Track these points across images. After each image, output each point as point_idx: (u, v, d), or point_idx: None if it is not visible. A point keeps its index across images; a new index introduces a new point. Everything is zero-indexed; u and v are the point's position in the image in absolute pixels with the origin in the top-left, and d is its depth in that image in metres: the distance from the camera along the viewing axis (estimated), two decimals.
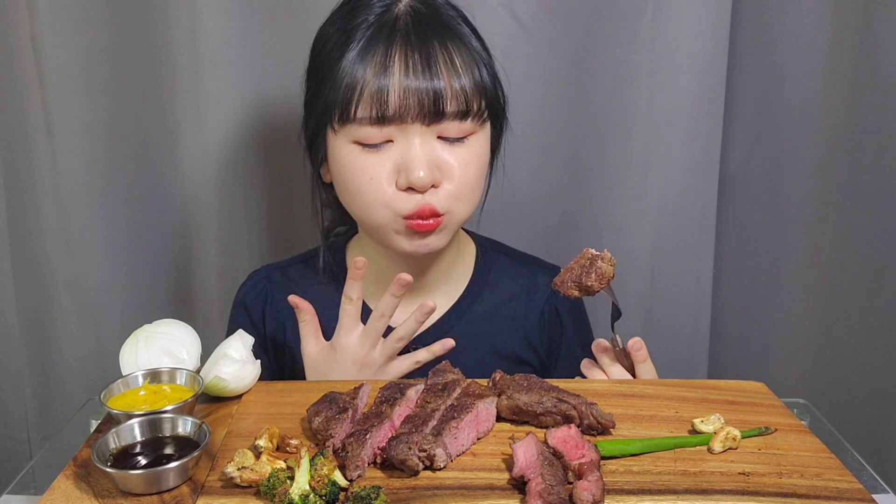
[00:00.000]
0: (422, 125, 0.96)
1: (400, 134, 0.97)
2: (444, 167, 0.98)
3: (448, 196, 0.99)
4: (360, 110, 0.96)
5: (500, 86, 1.05)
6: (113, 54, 1.30)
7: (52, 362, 1.43)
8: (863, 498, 0.71)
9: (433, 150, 0.98)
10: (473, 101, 0.98)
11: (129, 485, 0.71)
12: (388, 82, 0.95)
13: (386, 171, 0.98)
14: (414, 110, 0.95)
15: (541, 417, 0.81)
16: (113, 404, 0.81)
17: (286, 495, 0.67)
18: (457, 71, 0.97)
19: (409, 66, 0.95)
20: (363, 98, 0.95)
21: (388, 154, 0.98)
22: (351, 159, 0.99)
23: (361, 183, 0.99)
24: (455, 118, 0.97)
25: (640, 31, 1.31)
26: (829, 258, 1.41)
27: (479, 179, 1.03)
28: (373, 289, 1.11)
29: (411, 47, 0.96)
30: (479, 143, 1.02)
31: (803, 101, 1.36)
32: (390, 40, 0.96)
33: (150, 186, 1.38)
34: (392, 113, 0.95)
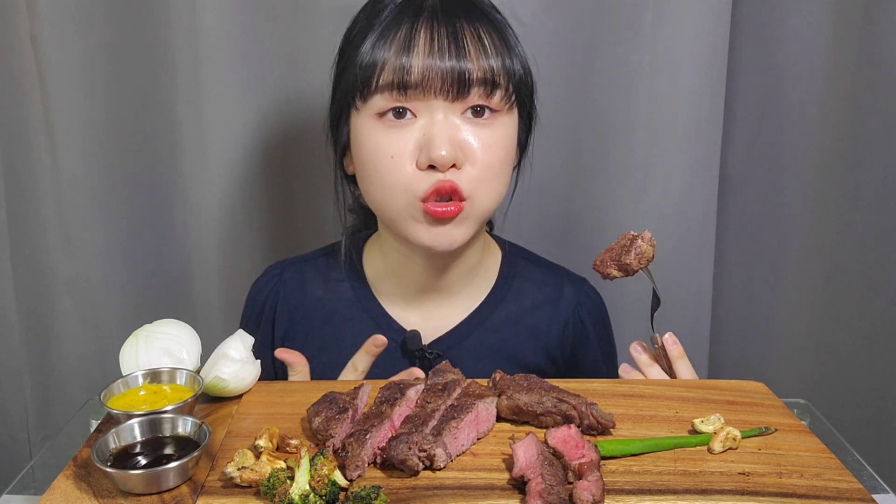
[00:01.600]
0: (445, 101, 0.93)
1: (423, 108, 0.94)
2: (467, 148, 0.95)
3: (470, 179, 0.95)
4: (382, 79, 0.93)
5: (531, 76, 1.02)
6: (113, 54, 1.30)
7: (52, 362, 1.43)
8: (863, 498, 0.71)
9: (457, 128, 0.94)
10: (502, 77, 0.95)
11: (129, 485, 0.71)
12: (412, 60, 0.92)
13: (408, 149, 0.94)
14: (437, 84, 0.92)
15: (541, 417, 0.81)
16: (113, 404, 0.81)
17: (286, 495, 0.67)
18: (485, 50, 0.94)
19: (435, 44, 0.92)
20: (385, 71, 0.93)
21: (410, 131, 0.94)
22: (372, 136, 0.96)
23: (381, 161, 0.95)
24: (482, 89, 0.94)
25: (640, 31, 1.31)
26: (829, 258, 1.41)
27: (503, 166, 0.99)
28: (391, 290, 1.10)
29: (437, 25, 0.93)
30: (504, 128, 0.98)
31: (803, 101, 1.36)
32: (416, 19, 0.94)
33: (150, 186, 1.39)
34: (415, 82, 0.92)
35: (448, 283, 1.08)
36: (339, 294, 1.10)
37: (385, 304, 1.09)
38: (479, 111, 0.96)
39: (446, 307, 1.09)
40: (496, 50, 0.96)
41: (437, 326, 1.08)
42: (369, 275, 1.11)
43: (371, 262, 1.12)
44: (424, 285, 1.08)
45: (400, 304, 1.09)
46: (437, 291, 1.08)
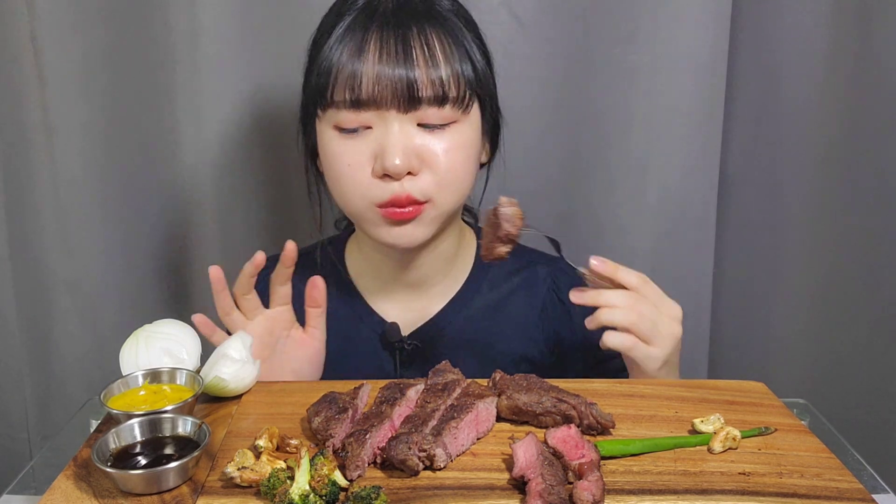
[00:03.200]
0: (398, 112, 0.95)
1: (378, 120, 0.95)
2: (425, 155, 0.96)
3: (429, 184, 0.97)
4: (336, 93, 0.95)
5: (490, 77, 1.03)
6: (112, 55, 1.30)
7: (52, 362, 1.43)
8: (863, 498, 0.71)
9: (411, 137, 0.95)
10: (451, 88, 0.96)
11: (129, 485, 0.71)
12: (362, 66, 0.93)
13: (364, 157, 0.96)
14: (389, 97, 0.93)
15: (541, 417, 0.81)
16: (113, 404, 0.81)
17: (286, 495, 0.67)
18: (434, 58, 0.95)
19: (384, 52, 0.93)
20: (338, 81, 0.94)
21: (367, 140, 0.96)
22: (331, 145, 0.98)
23: (340, 169, 0.98)
24: (432, 104, 0.95)
25: (639, 30, 1.31)
26: (828, 258, 1.41)
27: (464, 168, 1.00)
28: (371, 284, 1.12)
29: (388, 32, 0.94)
30: (462, 132, 0.99)
31: (803, 100, 1.36)
32: (368, 24, 0.95)
33: (150, 186, 1.39)
34: (367, 98, 0.94)
35: (424, 275, 1.10)
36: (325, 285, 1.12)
37: (366, 297, 1.12)
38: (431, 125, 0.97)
39: (424, 298, 1.11)
40: (446, 57, 0.96)
41: (416, 318, 1.10)
42: (351, 270, 1.15)
43: (351, 258, 1.15)
44: (401, 278, 1.10)
45: (380, 296, 1.12)
46: (414, 284, 1.10)
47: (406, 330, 1.10)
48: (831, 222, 1.40)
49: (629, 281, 0.93)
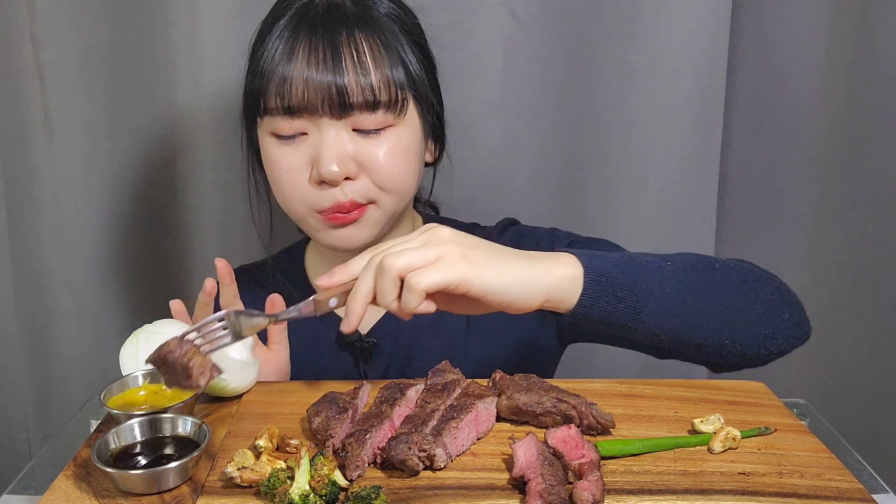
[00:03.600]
0: (331, 118, 0.95)
1: (313, 126, 0.96)
2: (362, 159, 0.96)
3: (369, 188, 0.97)
4: (269, 100, 0.95)
5: (427, 79, 1.02)
6: (112, 54, 1.30)
7: (52, 362, 1.43)
8: (863, 498, 0.71)
9: (346, 142, 0.95)
10: (383, 93, 0.95)
11: (129, 485, 0.71)
12: (291, 71, 0.93)
13: (301, 164, 0.97)
14: (320, 103, 0.93)
15: (541, 417, 0.81)
16: (113, 404, 0.81)
17: (286, 495, 0.67)
18: (363, 64, 0.94)
19: (313, 57, 0.93)
20: (270, 87, 0.95)
21: (303, 147, 0.97)
22: (270, 151, 0.99)
23: (279, 175, 0.99)
24: (364, 110, 0.95)
25: (639, 30, 1.31)
26: (828, 258, 1.41)
27: (403, 170, 0.99)
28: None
29: (317, 37, 0.94)
30: (399, 135, 0.98)
31: (803, 100, 1.36)
32: (299, 28, 0.95)
33: (150, 186, 1.39)
34: (298, 104, 0.94)
35: None
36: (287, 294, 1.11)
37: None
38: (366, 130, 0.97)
39: None
40: (376, 62, 0.95)
41: (374, 314, 1.10)
42: (311, 273, 1.16)
43: (311, 262, 1.17)
44: None
45: None
46: None
47: (365, 327, 1.09)
48: (831, 222, 1.40)
49: (363, 262, 0.80)
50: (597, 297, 0.81)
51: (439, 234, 0.79)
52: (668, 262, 0.87)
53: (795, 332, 0.93)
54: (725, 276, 0.90)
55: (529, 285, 0.79)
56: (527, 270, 0.79)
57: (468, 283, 0.76)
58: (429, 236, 0.79)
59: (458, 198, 1.34)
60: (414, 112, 1.01)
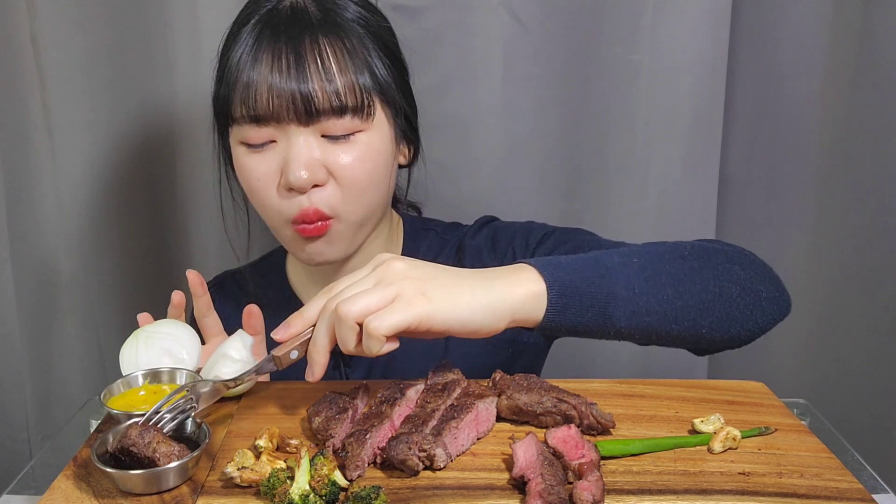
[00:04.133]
0: (299, 125, 0.94)
1: (281, 134, 0.95)
2: (330, 166, 0.95)
3: (334, 197, 0.96)
4: (235, 109, 0.95)
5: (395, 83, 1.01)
6: (113, 54, 1.31)
7: (52, 362, 1.43)
8: (863, 498, 0.71)
9: (314, 149, 0.95)
10: (349, 99, 0.95)
11: (129, 485, 0.71)
12: (255, 79, 0.93)
13: (271, 172, 0.96)
14: (286, 110, 0.93)
15: (541, 417, 0.81)
16: (113, 404, 0.81)
17: (286, 495, 0.67)
18: (328, 71, 0.94)
19: (276, 64, 0.93)
20: (235, 95, 0.94)
21: (272, 155, 0.96)
22: (241, 160, 0.99)
23: (251, 185, 0.99)
24: (331, 116, 0.94)
25: (640, 31, 1.31)
26: (828, 258, 1.41)
27: (371, 178, 0.99)
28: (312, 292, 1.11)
29: (280, 44, 0.93)
30: (368, 141, 0.98)
31: (803, 100, 1.36)
32: (261, 35, 0.95)
33: (150, 186, 1.39)
34: (264, 112, 0.93)
35: None
36: (269, 299, 1.12)
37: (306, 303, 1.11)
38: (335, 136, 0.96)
39: None
40: (340, 68, 0.95)
41: None
42: (293, 279, 1.16)
43: (292, 268, 1.16)
44: None
45: None
46: None
47: None
48: (831, 222, 1.40)
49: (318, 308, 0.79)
50: (563, 310, 0.80)
51: (393, 270, 0.76)
52: (635, 259, 0.85)
53: (774, 308, 0.92)
54: (696, 264, 0.88)
55: (492, 310, 0.77)
56: (488, 295, 0.77)
57: (429, 321, 0.74)
58: (382, 272, 0.77)
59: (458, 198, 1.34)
60: (382, 116, 1.00)
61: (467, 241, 1.12)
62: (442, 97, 1.30)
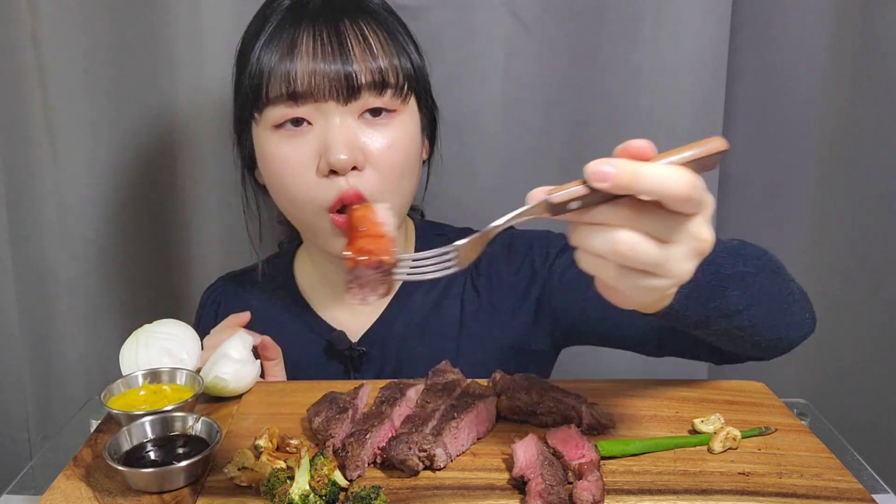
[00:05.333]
0: (338, 104, 0.93)
1: (318, 115, 0.94)
2: (367, 150, 0.94)
3: (371, 181, 0.95)
4: (271, 90, 0.93)
5: (424, 69, 1.02)
6: (114, 54, 1.30)
7: (53, 362, 1.43)
8: (863, 498, 0.71)
9: (354, 130, 0.94)
10: (391, 76, 0.95)
11: (141, 483, 0.71)
12: (296, 65, 0.92)
13: (307, 157, 0.94)
14: (327, 88, 0.92)
15: (541, 417, 0.81)
16: (113, 404, 0.81)
17: (286, 495, 0.67)
18: (371, 50, 0.94)
19: (318, 47, 0.92)
20: (273, 80, 0.93)
21: (308, 139, 0.94)
22: (271, 148, 0.96)
23: (284, 173, 0.96)
24: (372, 91, 0.94)
25: (641, 31, 1.31)
26: (829, 258, 1.41)
27: (406, 164, 0.98)
28: (321, 294, 1.12)
29: (319, 28, 0.93)
30: (403, 125, 0.98)
31: (804, 100, 1.36)
32: (298, 23, 0.94)
33: (151, 186, 1.39)
34: (303, 90, 0.92)
35: None
36: (275, 301, 1.13)
37: (316, 307, 1.12)
38: (376, 111, 0.95)
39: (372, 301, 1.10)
40: (382, 48, 0.95)
41: (364, 322, 1.09)
42: (300, 281, 1.15)
43: (301, 269, 1.15)
44: None
45: (330, 305, 1.11)
46: None
47: (355, 335, 1.09)
48: (832, 222, 1.40)
49: (661, 192, 0.64)
50: (686, 306, 0.73)
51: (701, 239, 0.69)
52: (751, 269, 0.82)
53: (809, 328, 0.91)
54: (783, 276, 0.87)
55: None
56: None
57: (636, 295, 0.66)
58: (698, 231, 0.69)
59: (459, 198, 1.34)
60: (414, 103, 1.00)
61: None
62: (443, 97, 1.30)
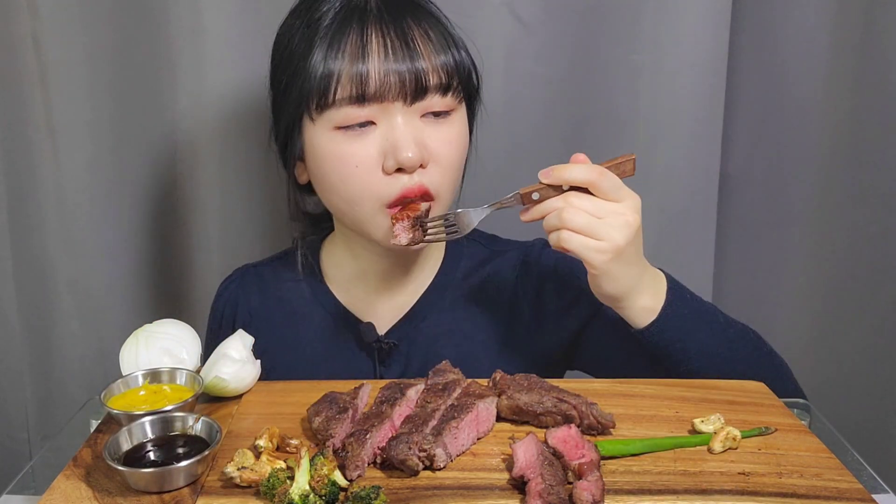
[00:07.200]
0: (403, 104, 0.94)
1: (382, 115, 0.95)
2: (431, 147, 0.96)
3: (433, 177, 0.97)
4: (339, 92, 0.94)
5: (475, 66, 1.04)
6: (114, 53, 1.30)
7: (53, 362, 1.43)
8: (863, 498, 0.71)
9: (419, 129, 0.95)
10: (454, 76, 0.97)
11: (141, 483, 0.71)
12: (368, 66, 0.92)
13: (372, 156, 0.95)
14: (395, 89, 0.93)
15: (541, 417, 0.81)
16: (113, 404, 0.81)
17: (286, 495, 0.67)
18: (435, 47, 0.96)
19: (388, 48, 0.93)
20: (342, 83, 0.93)
21: (372, 138, 0.95)
22: (333, 147, 0.96)
23: (346, 172, 0.96)
24: (437, 92, 0.96)
25: (641, 30, 1.31)
26: (829, 258, 1.41)
27: (461, 161, 1.01)
28: (349, 286, 1.12)
29: (386, 28, 0.94)
30: (460, 123, 1.00)
31: (804, 100, 1.36)
32: (362, 23, 0.94)
33: (151, 186, 1.39)
34: (373, 92, 0.93)
35: (407, 272, 1.10)
36: (298, 294, 1.12)
37: (342, 299, 1.11)
38: (437, 112, 0.97)
39: (399, 295, 1.11)
40: (445, 46, 0.97)
41: (392, 315, 1.10)
42: (327, 273, 1.14)
43: (329, 261, 1.15)
44: (386, 279, 1.10)
45: (357, 297, 1.11)
46: (393, 282, 1.10)
47: (382, 328, 1.08)
48: (832, 222, 1.40)
49: (577, 179, 0.88)
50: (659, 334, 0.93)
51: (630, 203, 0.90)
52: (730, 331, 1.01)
53: None
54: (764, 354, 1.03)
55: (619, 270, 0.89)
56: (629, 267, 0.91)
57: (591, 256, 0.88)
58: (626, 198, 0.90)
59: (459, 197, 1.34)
60: (464, 101, 1.02)
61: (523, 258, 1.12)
62: None
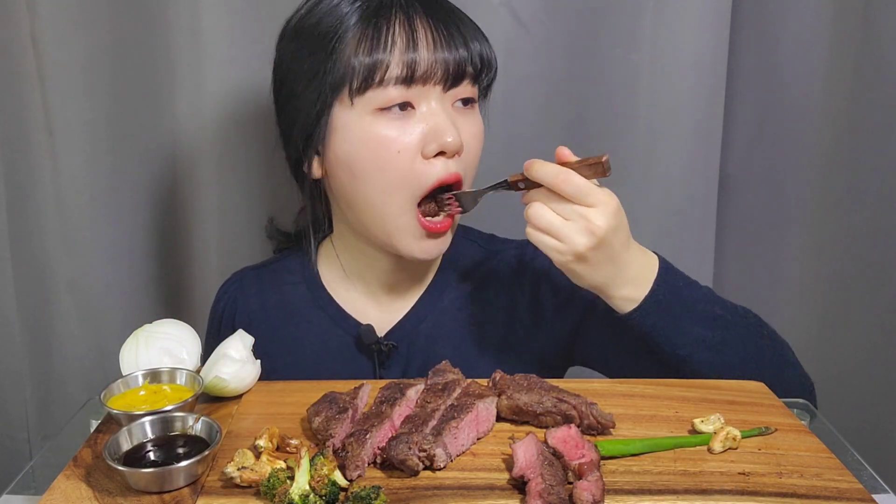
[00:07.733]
0: (442, 90, 0.96)
1: (421, 98, 0.95)
2: (462, 133, 0.97)
3: (464, 165, 0.98)
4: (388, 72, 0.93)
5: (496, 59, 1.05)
6: (113, 54, 1.30)
7: (52, 362, 1.43)
8: (863, 498, 0.71)
9: (454, 116, 0.97)
10: (486, 65, 1.00)
11: (141, 483, 0.71)
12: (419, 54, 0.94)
13: (414, 140, 0.95)
14: (438, 75, 0.95)
15: (541, 417, 0.81)
16: (113, 404, 0.81)
17: (286, 495, 0.67)
18: (472, 34, 0.98)
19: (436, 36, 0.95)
20: (392, 63, 0.93)
21: (413, 123, 0.95)
22: (375, 130, 0.95)
23: (387, 158, 0.95)
24: (471, 80, 0.98)
25: (640, 30, 1.31)
26: (829, 258, 1.41)
27: (479, 155, 1.03)
28: (348, 288, 1.12)
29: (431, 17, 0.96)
30: (480, 117, 1.03)
31: (804, 100, 1.36)
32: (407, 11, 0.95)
33: (151, 186, 1.39)
34: (421, 73, 0.94)
35: (406, 274, 1.10)
36: (297, 296, 1.12)
37: (341, 301, 1.11)
38: (466, 100, 0.99)
39: (397, 297, 1.11)
40: (475, 35, 0.99)
41: (390, 317, 1.10)
42: (325, 275, 1.14)
43: (328, 263, 1.14)
44: (386, 282, 1.10)
45: (357, 300, 1.11)
46: (393, 285, 1.10)
47: (381, 330, 1.08)
48: (832, 222, 1.40)
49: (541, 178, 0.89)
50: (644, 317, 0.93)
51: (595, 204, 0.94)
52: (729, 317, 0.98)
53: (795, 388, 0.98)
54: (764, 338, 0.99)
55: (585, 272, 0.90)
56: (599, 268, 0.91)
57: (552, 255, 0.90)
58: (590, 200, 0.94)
59: None
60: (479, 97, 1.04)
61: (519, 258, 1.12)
62: None
